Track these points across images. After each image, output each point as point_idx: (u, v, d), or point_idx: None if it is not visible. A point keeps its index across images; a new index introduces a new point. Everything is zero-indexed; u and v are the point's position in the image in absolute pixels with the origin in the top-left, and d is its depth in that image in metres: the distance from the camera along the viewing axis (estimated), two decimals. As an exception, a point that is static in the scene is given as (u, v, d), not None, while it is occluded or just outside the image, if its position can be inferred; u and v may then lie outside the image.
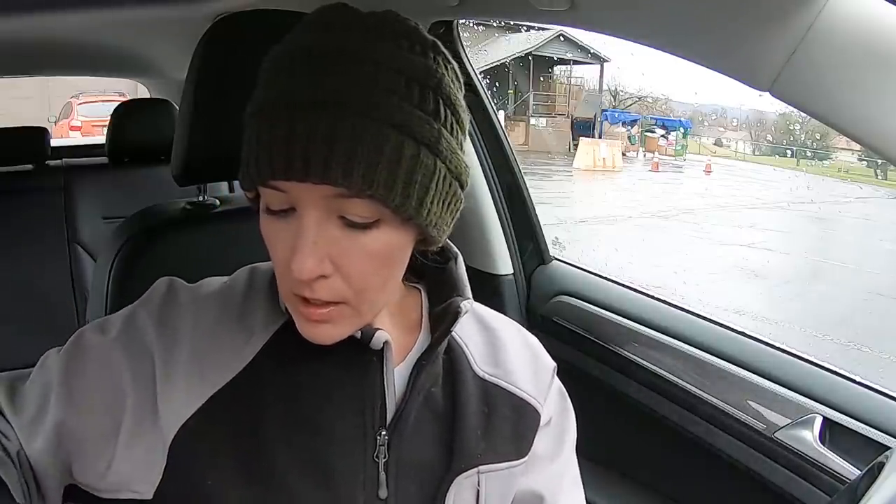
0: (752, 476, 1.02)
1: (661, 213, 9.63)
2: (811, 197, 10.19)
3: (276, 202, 0.54)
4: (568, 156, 15.17)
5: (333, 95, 0.51)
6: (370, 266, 0.55)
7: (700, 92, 25.86)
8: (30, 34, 1.62)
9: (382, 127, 0.51)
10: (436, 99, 0.55)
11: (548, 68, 17.92)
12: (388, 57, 0.53)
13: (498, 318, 0.75)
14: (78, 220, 2.08)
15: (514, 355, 0.71)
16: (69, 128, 11.19)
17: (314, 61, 0.52)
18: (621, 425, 1.28)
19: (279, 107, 0.52)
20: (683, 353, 1.12)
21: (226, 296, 0.65)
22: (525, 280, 1.44)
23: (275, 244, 0.55)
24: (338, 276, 0.54)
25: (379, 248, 0.55)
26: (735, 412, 1.03)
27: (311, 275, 0.52)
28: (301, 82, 0.52)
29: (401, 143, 0.52)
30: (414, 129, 0.53)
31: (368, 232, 0.54)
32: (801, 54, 0.60)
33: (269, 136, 0.52)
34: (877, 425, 0.89)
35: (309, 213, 0.53)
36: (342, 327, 0.57)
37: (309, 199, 0.52)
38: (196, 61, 0.85)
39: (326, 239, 0.53)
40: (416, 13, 1.24)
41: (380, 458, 0.61)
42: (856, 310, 5.71)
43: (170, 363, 0.59)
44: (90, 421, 0.57)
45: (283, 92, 0.53)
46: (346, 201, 0.52)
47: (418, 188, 0.54)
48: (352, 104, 0.51)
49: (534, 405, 0.70)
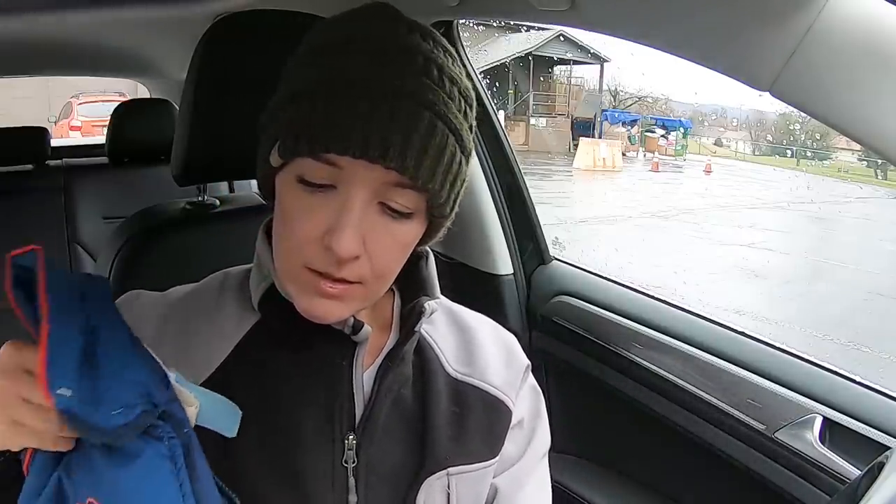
0: (752, 476, 1.02)
1: (661, 213, 9.63)
2: (811, 197, 10.19)
3: (320, 176, 0.54)
4: (568, 156, 15.18)
5: (410, 88, 0.53)
6: (393, 255, 0.57)
7: (700, 92, 25.90)
8: (30, 34, 1.62)
9: (446, 130, 0.55)
10: (472, 116, 0.59)
11: (548, 68, 17.92)
12: (445, 66, 0.56)
13: (473, 316, 0.74)
14: (78, 220, 2.08)
15: (488, 352, 0.71)
16: (69, 128, 11.19)
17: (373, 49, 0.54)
18: (621, 425, 1.28)
19: (356, 85, 0.53)
20: (683, 353, 1.12)
21: (195, 300, 0.65)
22: (525, 280, 1.44)
23: (302, 218, 0.55)
24: (365, 258, 0.55)
25: (406, 238, 0.58)
26: (735, 412, 1.03)
27: (352, 253, 0.53)
28: (359, 65, 0.53)
29: (455, 148, 0.56)
30: (463, 138, 0.57)
31: (403, 222, 0.56)
32: (801, 54, 0.60)
33: (346, 111, 0.52)
34: (877, 425, 0.89)
35: (358, 192, 0.53)
36: (349, 307, 0.58)
37: (362, 180, 0.53)
38: (196, 61, 0.85)
39: (366, 222, 0.54)
40: (416, 13, 1.24)
41: (348, 463, 0.61)
42: (856, 310, 5.71)
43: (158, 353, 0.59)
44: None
45: (359, 74, 0.53)
46: (395, 190, 0.54)
47: (456, 191, 0.58)
48: (425, 102, 0.54)
49: (506, 402, 0.69)
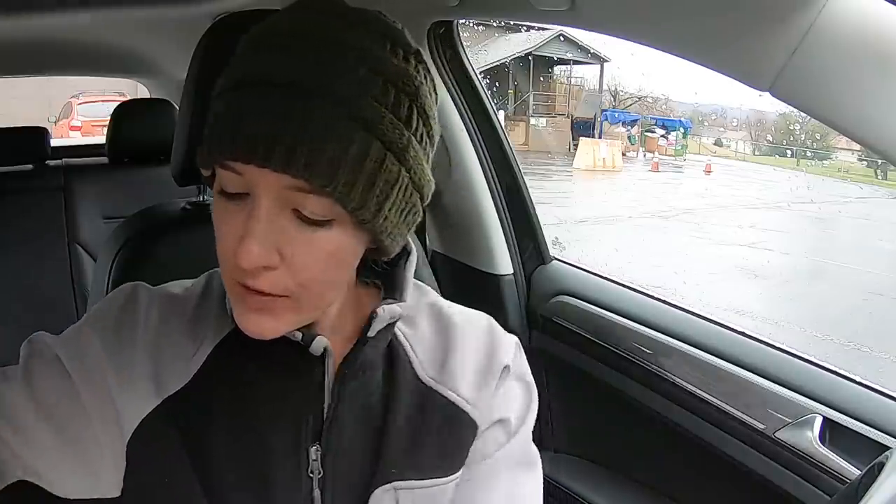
0: (752, 476, 1.02)
1: (662, 214, 9.63)
2: (811, 197, 10.18)
3: (232, 185, 0.52)
4: (568, 156, 15.17)
5: (307, 84, 0.49)
6: (317, 265, 0.53)
7: (700, 92, 25.83)
8: (30, 34, 1.62)
9: (352, 124, 0.50)
10: (410, 106, 0.53)
11: (548, 68, 17.91)
12: (369, 55, 0.51)
13: (464, 317, 0.70)
14: (78, 220, 2.07)
15: (465, 357, 0.67)
16: (69, 128, 11.19)
17: (293, 42, 0.51)
18: (621, 425, 1.28)
19: (249, 85, 0.50)
20: (683, 352, 1.12)
21: (184, 301, 0.64)
22: (525, 280, 1.44)
23: (223, 228, 0.53)
24: (284, 269, 0.52)
25: (329, 248, 0.53)
26: (735, 412, 1.03)
27: (256, 263, 0.50)
28: (276, 61, 0.50)
29: (368, 145, 0.51)
30: (385, 133, 0.51)
31: (321, 230, 0.52)
32: (801, 54, 0.60)
33: (235, 114, 0.50)
34: (877, 425, 0.89)
35: (263, 200, 0.50)
36: (281, 321, 0.55)
37: (265, 186, 0.50)
38: (196, 61, 0.84)
39: (277, 229, 0.51)
40: (416, 13, 1.24)
41: (314, 474, 0.60)
42: (856, 310, 5.71)
43: (127, 364, 0.58)
44: (55, 425, 0.57)
45: (257, 70, 0.51)
46: (303, 195, 0.50)
47: (379, 194, 0.52)
48: (325, 93, 0.49)
49: (471, 415, 0.65)
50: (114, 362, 0.58)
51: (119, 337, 0.60)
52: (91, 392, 0.57)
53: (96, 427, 0.57)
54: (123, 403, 0.58)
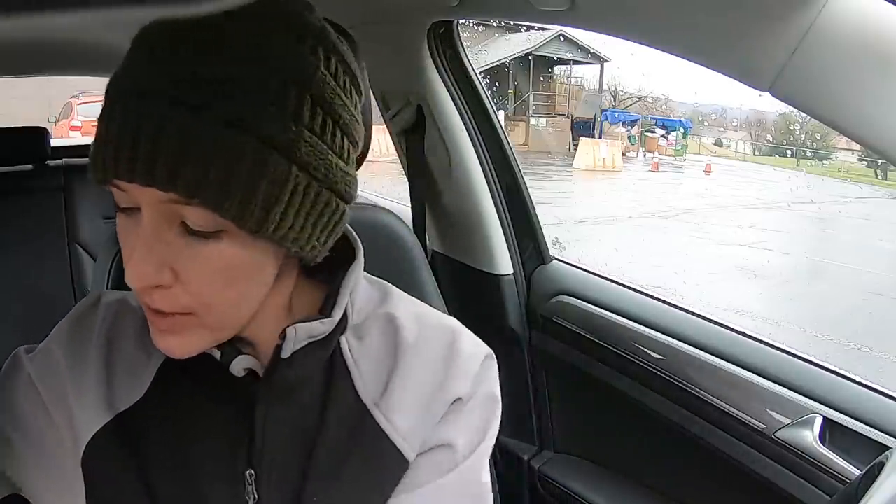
0: (752, 476, 1.02)
1: (661, 214, 9.63)
2: (811, 197, 10.19)
3: (121, 199, 0.49)
4: (568, 156, 15.18)
5: (165, 85, 0.45)
6: (214, 281, 0.49)
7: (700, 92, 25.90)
8: (30, 34, 1.62)
9: (216, 124, 0.44)
10: (300, 95, 0.47)
11: (548, 68, 17.92)
12: (243, 43, 0.46)
13: (426, 329, 0.63)
14: (78, 220, 2.07)
15: (412, 382, 0.60)
16: (69, 128, 11.19)
17: (149, 47, 0.47)
18: (621, 425, 1.28)
19: (116, 94, 0.46)
20: (683, 352, 1.12)
21: (137, 313, 0.60)
22: (525, 280, 1.44)
23: (122, 244, 0.50)
24: (179, 286, 0.48)
25: (223, 262, 0.48)
26: (735, 412, 1.03)
27: (144, 283, 0.47)
28: (138, 69, 0.46)
29: (241, 144, 0.45)
30: (262, 129, 0.45)
31: (210, 243, 0.48)
32: (801, 54, 0.60)
33: (104, 128, 0.46)
34: (877, 425, 0.89)
35: (146, 214, 0.47)
36: (192, 340, 0.52)
37: (145, 201, 0.47)
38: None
39: (164, 245, 0.47)
40: (416, 13, 1.24)
41: (249, 497, 0.56)
42: (856, 310, 5.71)
43: (80, 378, 0.57)
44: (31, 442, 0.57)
45: (120, 78, 0.47)
46: (182, 207, 0.46)
47: (263, 198, 0.46)
48: (183, 96, 0.44)
49: (403, 452, 0.60)
50: (71, 376, 0.57)
51: (74, 349, 0.58)
52: (56, 408, 0.57)
53: (66, 443, 0.56)
54: (78, 419, 0.56)
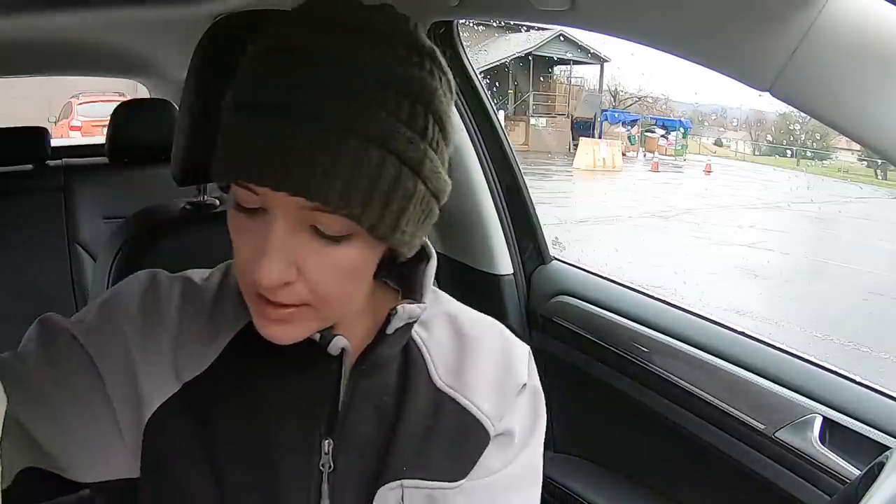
0: (751, 476, 1.02)
1: (662, 214, 9.63)
2: (811, 197, 10.18)
3: (248, 201, 0.52)
4: (568, 156, 15.17)
5: (319, 107, 0.49)
6: (336, 278, 0.54)
7: (700, 92, 25.87)
8: (30, 34, 1.61)
9: (365, 144, 0.49)
10: (426, 116, 0.52)
11: (548, 68, 17.92)
12: (380, 68, 0.50)
13: (478, 324, 0.70)
14: (78, 220, 2.07)
15: (481, 368, 0.66)
16: (69, 128, 11.19)
17: (300, 64, 0.50)
18: (621, 425, 1.28)
19: (261, 108, 0.50)
20: (683, 352, 1.12)
21: (203, 291, 0.64)
22: (525, 280, 1.44)
23: (240, 242, 0.54)
24: (301, 282, 0.52)
25: (347, 262, 0.53)
26: (735, 412, 1.03)
27: (276, 282, 0.51)
28: (285, 86, 0.50)
29: (382, 162, 0.50)
30: (399, 148, 0.50)
31: (339, 246, 0.52)
32: (801, 54, 0.60)
33: (249, 136, 0.50)
34: (877, 425, 0.89)
35: (280, 219, 0.51)
36: (301, 329, 0.56)
37: (282, 206, 0.50)
38: (196, 61, 0.84)
39: (295, 246, 0.51)
40: (416, 13, 1.24)
41: (325, 468, 0.60)
42: (856, 310, 5.71)
43: (153, 350, 0.60)
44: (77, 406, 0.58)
45: (266, 93, 0.50)
46: (319, 214, 0.50)
47: (395, 209, 0.52)
48: (337, 118, 0.49)
49: (485, 425, 0.65)
50: (140, 347, 0.59)
51: (145, 322, 0.61)
52: (112, 375, 0.58)
53: (115, 409, 0.58)
54: (146, 388, 0.59)
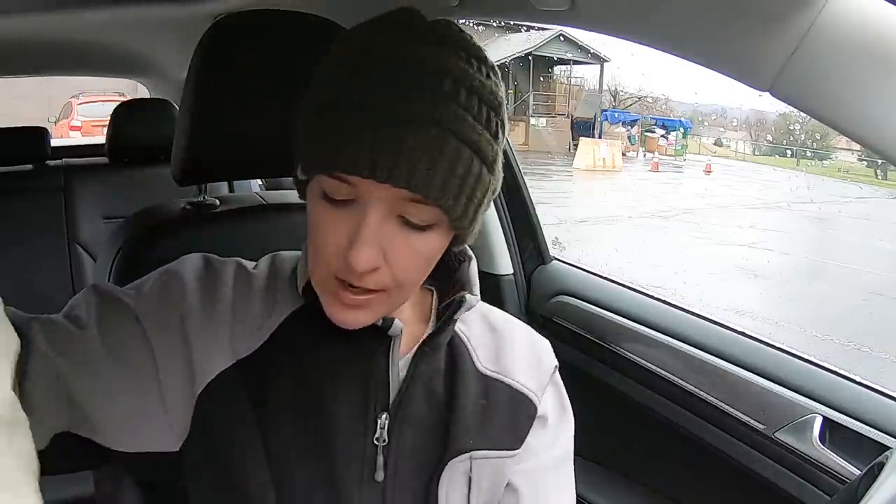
0: (751, 476, 1.02)
1: (662, 214, 9.64)
2: (811, 197, 10.19)
3: (340, 193, 0.56)
4: (568, 156, 15.18)
5: (419, 109, 0.54)
6: (416, 263, 0.59)
7: (700, 92, 25.90)
8: (30, 34, 1.62)
9: (460, 145, 0.55)
10: (497, 122, 0.59)
11: (548, 68, 17.93)
12: (462, 75, 0.56)
13: (507, 320, 0.77)
14: (78, 220, 2.07)
15: (517, 355, 0.73)
16: (69, 128, 11.20)
17: (391, 69, 0.55)
18: (621, 425, 1.28)
19: (366, 108, 0.54)
20: (683, 352, 1.12)
21: (253, 276, 0.69)
22: (525, 280, 1.44)
23: (326, 230, 0.58)
24: (385, 268, 0.57)
25: (427, 248, 0.59)
26: (735, 412, 1.03)
27: (368, 266, 0.55)
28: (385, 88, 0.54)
29: (470, 161, 0.56)
30: (482, 149, 0.57)
31: (423, 234, 0.58)
32: (801, 54, 0.60)
33: (355, 134, 0.54)
34: (877, 425, 0.89)
35: (375, 209, 0.56)
36: (372, 314, 0.60)
37: (378, 197, 0.55)
38: (196, 61, 0.84)
39: (384, 235, 0.56)
40: (416, 13, 1.24)
41: (379, 442, 0.64)
42: (856, 310, 5.71)
43: (210, 325, 0.63)
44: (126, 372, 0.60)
45: (356, 95, 0.55)
46: (412, 205, 0.56)
47: (476, 203, 0.59)
48: (439, 120, 0.54)
49: (531, 398, 0.71)
50: (196, 322, 0.63)
51: (202, 297, 0.64)
52: (165, 347, 0.61)
53: (161, 382, 0.60)
54: (199, 361, 0.62)
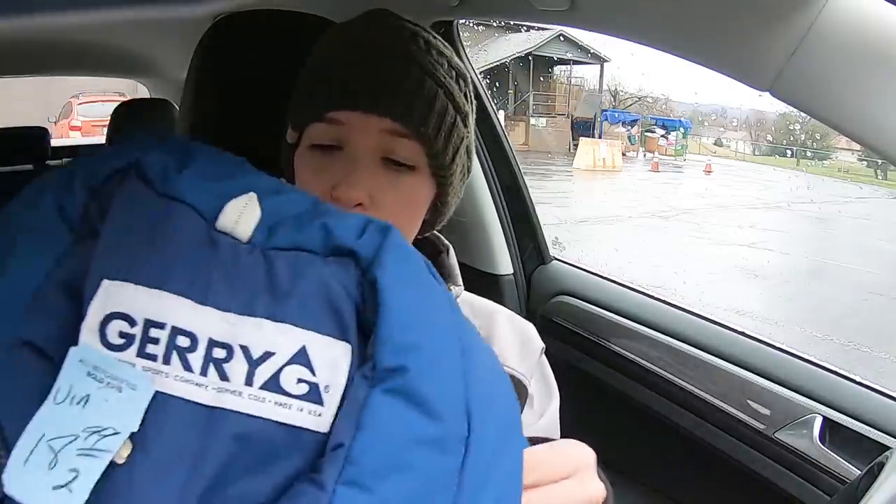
0: (751, 476, 1.02)
1: (662, 214, 9.64)
2: (811, 197, 10.20)
3: (327, 137, 0.61)
4: (568, 156, 15.19)
5: (400, 52, 0.62)
6: (398, 206, 0.62)
7: (700, 92, 25.91)
8: (30, 34, 1.62)
9: (435, 87, 0.62)
10: (466, 90, 0.66)
11: (548, 68, 17.93)
12: (434, 42, 0.64)
13: (490, 305, 0.79)
14: (78, 220, 2.07)
15: (504, 338, 0.74)
16: (69, 128, 11.19)
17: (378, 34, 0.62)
18: (621, 425, 1.28)
19: (356, 52, 0.61)
20: (683, 352, 1.12)
21: None
22: (525, 280, 1.44)
23: (315, 176, 0.61)
24: (373, 210, 0.60)
25: (409, 192, 0.63)
26: (735, 412, 1.03)
27: (357, 200, 0.59)
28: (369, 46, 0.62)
29: (446, 105, 0.63)
30: (456, 99, 0.64)
31: (404, 175, 0.62)
32: (801, 54, 0.60)
33: (342, 71, 0.60)
34: (877, 425, 0.89)
35: (362, 146, 0.60)
36: None
37: (365, 132, 0.60)
38: (196, 61, 0.84)
39: (370, 173, 0.60)
40: (416, 13, 1.24)
41: None
42: (855, 310, 5.72)
43: None
44: None
45: (357, 44, 0.62)
46: (395, 140, 0.60)
47: (453, 146, 0.64)
48: (412, 60, 0.62)
49: (523, 382, 0.72)
50: None
51: None
52: None
53: None
54: None
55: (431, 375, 0.40)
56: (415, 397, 0.39)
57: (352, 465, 0.37)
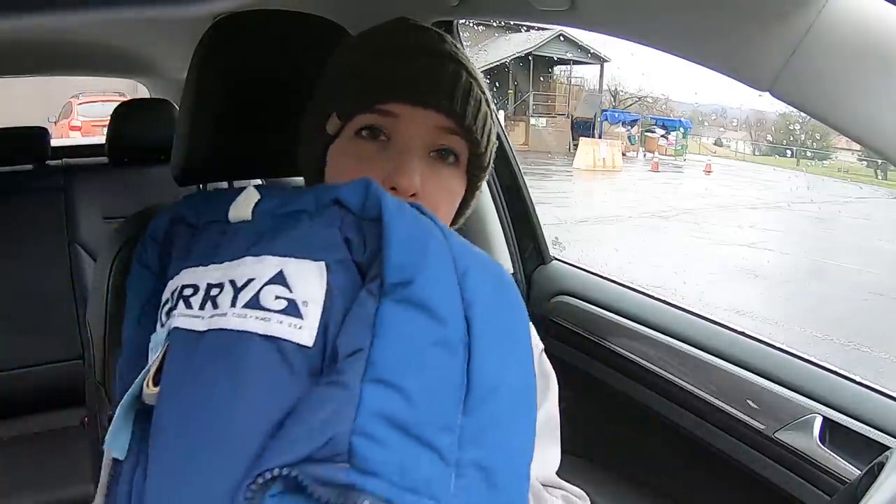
0: (752, 476, 1.02)
1: (662, 214, 9.64)
2: (811, 197, 10.20)
3: (379, 125, 0.64)
4: (568, 156, 15.18)
5: (438, 49, 0.66)
6: (443, 196, 0.66)
7: (700, 92, 25.91)
8: (30, 34, 1.62)
9: (482, 92, 0.67)
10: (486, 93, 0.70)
11: (548, 68, 17.93)
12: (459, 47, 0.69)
13: None
14: (78, 220, 2.07)
15: None
16: (69, 128, 11.19)
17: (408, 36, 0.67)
18: (621, 425, 1.28)
19: (402, 50, 0.65)
20: (683, 352, 1.12)
21: None
22: (525, 280, 1.44)
23: (366, 163, 0.63)
24: (420, 198, 0.63)
25: (450, 183, 0.67)
26: (735, 412, 1.03)
27: (414, 189, 0.62)
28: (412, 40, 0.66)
29: (488, 106, 0.68)
30: (486, 94, 0.69)
31: (448, 168, 0.66)
32: (801, 54, 0.60)
33: (407, 68, 0.63)
34: (877, 425, 0.89)
35: (415, 139, 0.64)
36: None
37: (418, 126, 0.63)
38: (196, 61, 0.84)
39: (421, 163, 0.63)
40: (417, 13, 1.24)
41: None
42: (855, 310, 5.71)
43: None
44: None
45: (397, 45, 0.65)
46: (445, 135, 0.64)
47: (491, 146, 0.69)
48: (455, 58, 0.66)
49: None
50: None
51: None
52: None
53: None
54: None
55: (433, 287, 0.47)
56: (421, 304, 0.45)
57: (373, 365, 0.43)
